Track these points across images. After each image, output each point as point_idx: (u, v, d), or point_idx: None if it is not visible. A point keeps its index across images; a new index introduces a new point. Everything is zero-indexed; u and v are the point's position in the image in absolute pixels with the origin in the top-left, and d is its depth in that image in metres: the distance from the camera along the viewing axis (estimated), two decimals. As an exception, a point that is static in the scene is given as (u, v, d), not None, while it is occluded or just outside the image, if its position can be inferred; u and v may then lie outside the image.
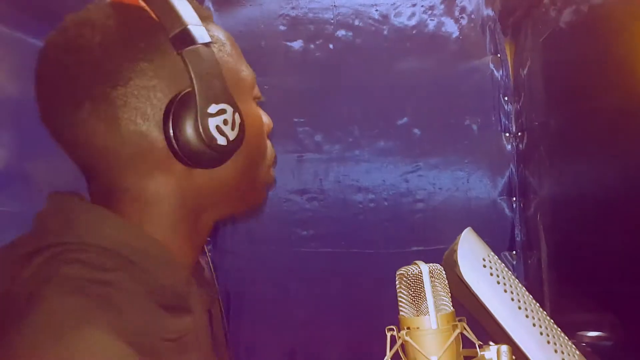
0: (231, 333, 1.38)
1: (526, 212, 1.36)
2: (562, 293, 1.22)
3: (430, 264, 0.61)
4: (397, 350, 0.61)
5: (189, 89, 0.52)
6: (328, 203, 1.40)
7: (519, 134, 1.38)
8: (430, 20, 1.41)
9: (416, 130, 1.40)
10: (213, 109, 0.52)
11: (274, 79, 1.41)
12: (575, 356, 0.56)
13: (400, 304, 0.61)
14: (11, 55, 0.84)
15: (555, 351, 0.55)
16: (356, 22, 1.41)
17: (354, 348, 1.34)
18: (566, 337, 0.58)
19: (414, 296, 0.60)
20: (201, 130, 0.51)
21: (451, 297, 0.61)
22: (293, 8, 1.41)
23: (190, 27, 0.52)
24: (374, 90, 1.41)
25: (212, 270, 0.74)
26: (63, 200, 0.55)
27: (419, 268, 0.60)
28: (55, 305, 0.45)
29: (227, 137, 0.53)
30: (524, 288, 0.59)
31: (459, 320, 0.60)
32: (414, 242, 1.35)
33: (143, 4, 0.54)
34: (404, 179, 1.40)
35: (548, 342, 0.55)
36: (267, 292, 1.39)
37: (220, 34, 0.59)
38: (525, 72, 1.36)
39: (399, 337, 0.60)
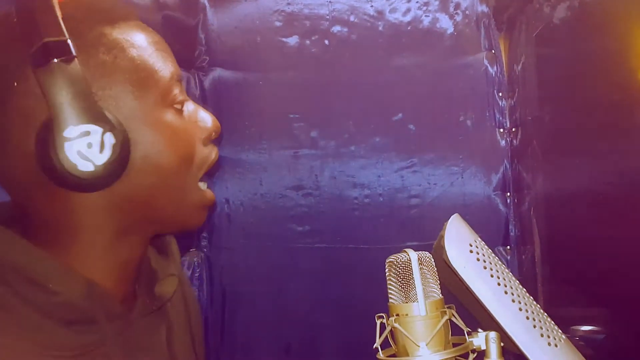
0: (227, 328, 1.39)
1: (520, 208, 1.37)
2: (556, 288, 1.22)
3: (420, 252, 0.62)
4: (386, 337, 0.62)
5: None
6: (323, 199, 1.41)
7: (513, 129, 1.39)
8: (425, 16, 1.41)
9: (411, 126, 1.40)
10: (71, 132, 0.47)
11: (270, 74, 1.42)
12: (562, 340, 0.57)
13: (389, 291, 0.62)
14: None
15: (542, 335, 0.56)
16: (351, 18, 1.42)
17: (349, 343, 1.35)
18: (552, 322, 0.58)
19: (403, 283, 0.60)
20: (59, 156, 0.47)
21: (440, 285, 0.62)
22: (288, 4, 1.42)
23: (47, 41, 0.46)
24: (369, 86, 1.42)
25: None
26: None
27: (408, 255, 0.61)
28: None
29: (92, 162, 0.48)
30: (510, 273, 0.59)
31: (448, 307, 0.61)
32: (409, 237, 1.35)
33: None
34: (399, 174, 1.40)
35: (534, 327, 0.56)
36: (263, 287, 1.40)
37: (125, 36, 0.53)
38: (519, 67, 1.36)
39: (388, 324, 0.60)
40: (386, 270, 0.63)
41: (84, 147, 0.48)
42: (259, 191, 1.41)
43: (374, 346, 0.61)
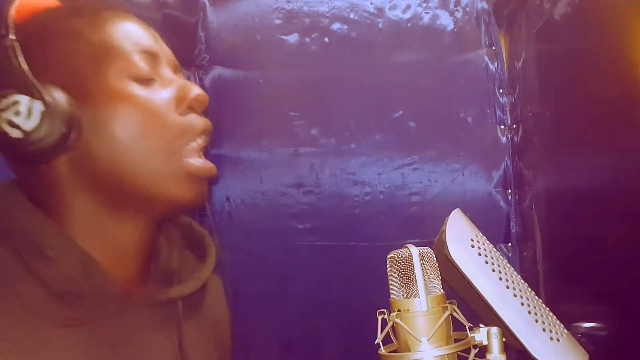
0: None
1: (521, 204, 1.37)
2: (558, 284, 1.22)
3: (421, 247, 0.61)
4: (388, 333, 0.62)
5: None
6: (324, 197, 1.41)
7: (514, 126, 1.39)
8: (425, 13, 1.41)
9: (412, 124, 1.40)
10: (2, 103, 0.51)
11: (270, 72, 1.42)
12: (564, 334, 0.56)
13: (391, 286, 0.62)
14: None
15: (544, 330, 0.55)
16: (351, 15, 1.42)
17: (351, 339, 1.34)
18: (554, 317, 0.58)
19: (404, 279, 0.60)
20: None
21: (442, 280, 0.62)
22: (288, 1, 1.42)
23: None
24: (370, 83, 1.41)
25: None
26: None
27: (409, 251, 0.60)
28: None
29: (20, 129, 0.51)
30: (512, 268, 0.59)
31: (449, 303, 0.60)
32: (410, 235, 1.34)
33: None
34: (399, 172, 1.40)
35: (536, 321, 0.56)
36: (264, 285, 1.40)
37: (91, 22, 0.58)
38: (519, 64, 1.36)
39: (390, 320, 0.60)
40: (387, 266, 0.62)
41: (13, 116, 0.51)
42: (260, 189, 1.41)
43: (376, 342, 0.61)
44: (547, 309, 0.58)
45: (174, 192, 0.59)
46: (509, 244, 1.38)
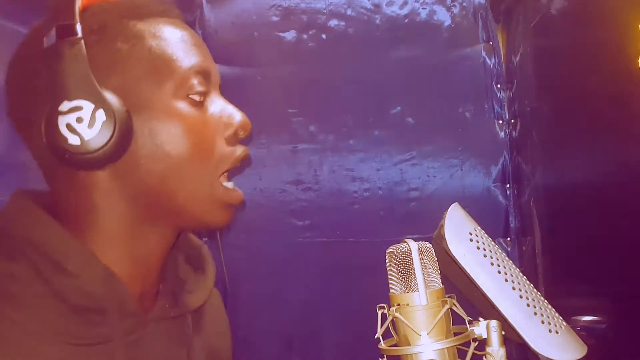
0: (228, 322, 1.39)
1: (520, 199, 1.37)
2: (557, 278, 1.23)
3: (420, 242, 0.61)
4: (388, 328, 0.62)
5: None
6: (323, 193, 1.41)
7: (512, 120, 1.39)
8: (422, 8, 1.41)
9: (410, 119, 1.40)
10: (64, 106, 0.49)
11: (267, 70, 1.42)
12: (562, 327, 0.57)
13: (390, 281, 0.62)
14: (1, 43, 0.85)
15: (543, 322, 0.56)
16: (348, 12, 1.42)
17: (350, 335, 1.35)
18: (553, 309, 0.58)
19: (403, 273, 0.60)
20: (52, 130, 0.50)
21: (441, 274, 0.62)
22: (285, -2, 1.42)
23: (59, 24, 0.50)
24: (367, 79, 1.42)
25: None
26: (13, 197, 0.57)
27: (408, 245, 0.60)
28: None
29: (80, 135, 0.50)
30: (510, 261, 0.59)
31: (449, 297, 0.60)
32: (409, 230, 1.34)
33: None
34: (398, 168, 1.40)
35: (535, 314, 0.56)
36: (264, 282, 1.40)
37: (149, 28, 0.56)
38: (517, 59, 1.36)
39: (390, 314, 0.60)
40: (386, 260, 0.62)
41: (74, 121, 0.50)
42: (258, 186, 1.41)
43: (376, 336, 0.61)
44: (546, 301, 0.58)
45: (208, 215, 0.60)
46: (508, 239, 1.38)
